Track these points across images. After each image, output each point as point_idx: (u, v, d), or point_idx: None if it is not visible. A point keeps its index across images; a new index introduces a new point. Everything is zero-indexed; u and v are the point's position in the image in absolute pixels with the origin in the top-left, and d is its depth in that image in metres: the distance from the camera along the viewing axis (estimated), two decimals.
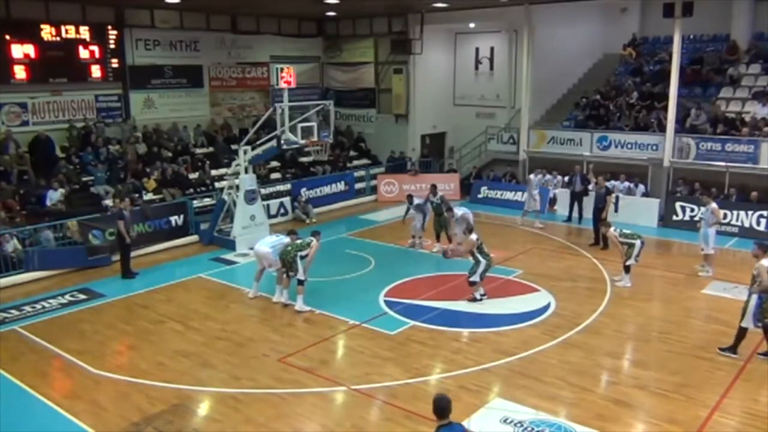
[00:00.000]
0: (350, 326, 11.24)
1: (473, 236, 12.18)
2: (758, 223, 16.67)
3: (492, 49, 24.78)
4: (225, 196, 16.85)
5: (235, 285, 13.65)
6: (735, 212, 17.04)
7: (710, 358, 9.89)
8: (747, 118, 19.06)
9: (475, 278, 12.12)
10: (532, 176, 18.97)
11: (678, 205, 17.90)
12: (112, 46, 19.65)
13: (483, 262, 12.05)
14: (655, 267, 14.40)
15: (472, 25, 23.90)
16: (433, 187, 16.26)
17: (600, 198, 16.42)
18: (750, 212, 16.88)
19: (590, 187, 18.29)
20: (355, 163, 24.43)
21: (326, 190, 21.07)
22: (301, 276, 11.75)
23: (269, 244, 12.46)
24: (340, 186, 21.61)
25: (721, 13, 21.75)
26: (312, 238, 12.03)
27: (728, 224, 16.89)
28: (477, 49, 25.15)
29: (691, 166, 18.77)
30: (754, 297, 9.63)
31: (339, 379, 9.29)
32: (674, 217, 17.94)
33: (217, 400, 8.86)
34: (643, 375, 9.40)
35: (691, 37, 22.46)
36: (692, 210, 17.52)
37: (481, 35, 24.85)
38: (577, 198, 18.66)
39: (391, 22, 24.41)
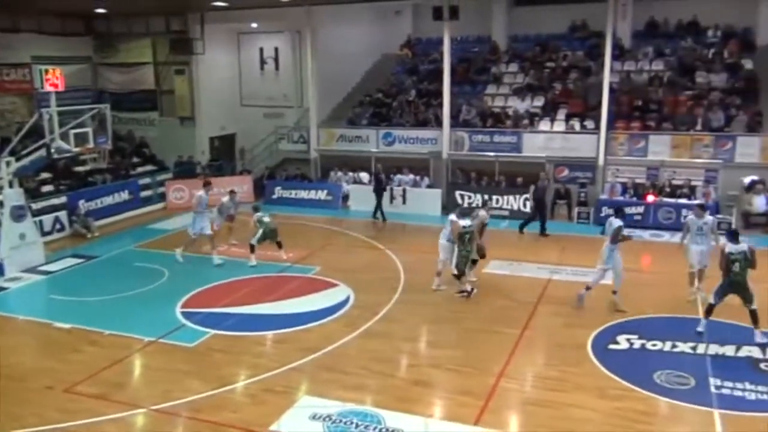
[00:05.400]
0: (145, 344, 10.57)
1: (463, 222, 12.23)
2: (524, 206, 18.58)
3: (276, 49, 24.80)
4: None
5: (7, 314, 12.15)
6: (505, 197, 18.93)
7: (496, 330, 10.85)
8: (510, 112, 21.18)
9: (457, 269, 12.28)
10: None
11: (458, 193, 19.38)
12: None
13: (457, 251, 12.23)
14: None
15: (254, 25, 23.72)
16: None
17: None
18: (517, 196, 18.82)
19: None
20: (139, 170, 22.91)
21: (108, 200, 19.54)
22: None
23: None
24: (124, 195, 20.20)
25: (483, 16, 23.86)
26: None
27: (500, 208, 18.71)
28: (261, 49, 25.01)
29: (466, 157, 20.47)
30: None
31: (137, 401, 8.71)
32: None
33: None
34: (438, 354, 10.06)
35: (459, 38, 24.10)
36: (470, 197, 19.07)
37: (264, 35, 24.76)
38: (377, 194, 19.21)
39: (169, 21, 23.34)
